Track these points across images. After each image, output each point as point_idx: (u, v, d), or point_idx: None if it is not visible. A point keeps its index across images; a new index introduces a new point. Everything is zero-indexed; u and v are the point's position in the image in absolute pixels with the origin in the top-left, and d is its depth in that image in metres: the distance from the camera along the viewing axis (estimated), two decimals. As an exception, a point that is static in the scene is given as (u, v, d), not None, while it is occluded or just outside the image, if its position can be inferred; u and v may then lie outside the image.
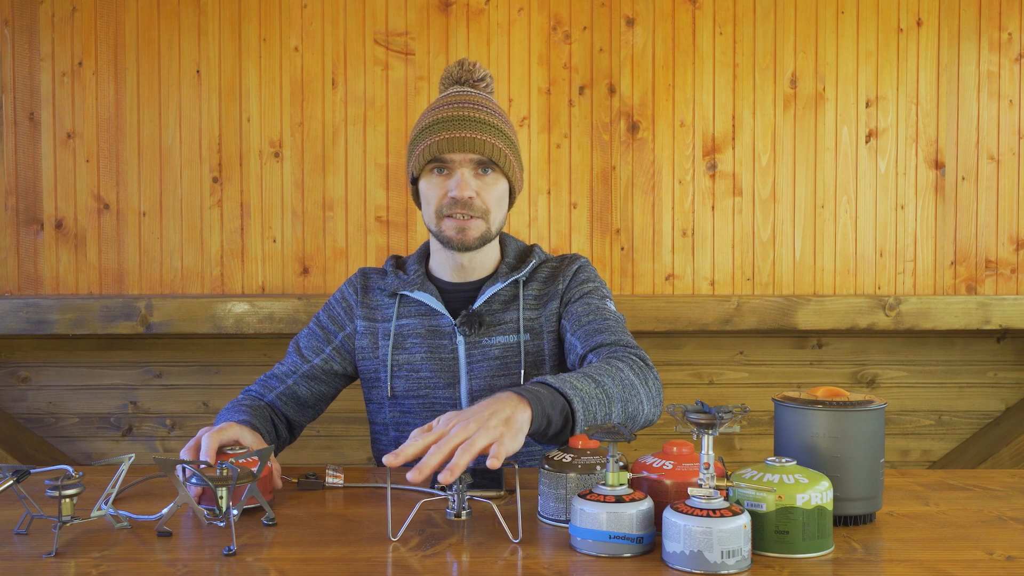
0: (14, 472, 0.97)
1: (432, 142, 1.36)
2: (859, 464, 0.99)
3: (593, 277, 1.47)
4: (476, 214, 1.37)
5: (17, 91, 2.39)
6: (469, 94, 1.43)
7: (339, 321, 1.49)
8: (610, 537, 0.89)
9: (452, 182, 1.37)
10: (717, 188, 2.44)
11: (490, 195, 1.39)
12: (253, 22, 2.39)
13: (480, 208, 1.37)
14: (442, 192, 1.38)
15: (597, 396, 1.14)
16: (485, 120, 1.38)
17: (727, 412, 0.88)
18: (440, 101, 1.43)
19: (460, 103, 1.40)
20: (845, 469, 0.99)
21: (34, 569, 0.87)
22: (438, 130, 1.37)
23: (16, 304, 2.16)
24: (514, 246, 1.52)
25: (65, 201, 2.40)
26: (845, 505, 0.99)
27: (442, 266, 1.47)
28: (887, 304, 2.24)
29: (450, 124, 1.36)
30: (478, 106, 1.40)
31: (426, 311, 1.44)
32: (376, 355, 1.45)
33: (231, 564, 0.88)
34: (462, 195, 1.35)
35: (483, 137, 1.36)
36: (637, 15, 2.42)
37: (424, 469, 0.92)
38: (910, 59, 2.44)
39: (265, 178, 2.40)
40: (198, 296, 2.27)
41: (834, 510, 0.95)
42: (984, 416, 2.47)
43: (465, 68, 1.47)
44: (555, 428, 1.08)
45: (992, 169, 2.45)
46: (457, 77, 1.47)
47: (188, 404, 2.41)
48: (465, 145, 1.35)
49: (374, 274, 1.52)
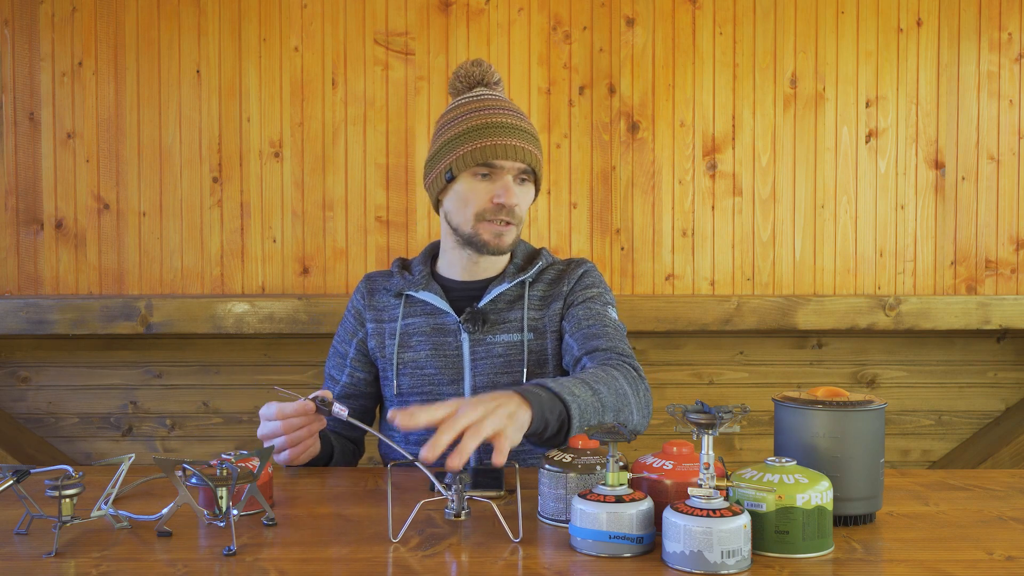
0: (14, 472, 0.97)
1: (484, 145, 1.38)
2: (859, 464, 0.99)
3: (598, 283, 1.49)
4: (515, 221, 1.41)
5: (17, 91, 2.39)
6: (507, 101, 1.46)
7: (351, 330, 1.53)
8: (610, 537, 0.89)
9: (499, 188, 1.39)
10: (717, 188, 2.44)
11: (525, 203, 1.44)
12: (253, 22, 2.39)
13: (519, 216, 1.41)
14: (486, 196, 1.40)
15: (592, 404, 1.17)
16: (527, 129, 1.42)
17: (727, 412, 0.88)
18: (480, 103, 1.43)
19: (505, 110, 1.42)
20: (845, 469, 0.99)
21: (34, 569, 0.87)
22: (488, 134, 1.38)
23: (16, 304, 2.16)
24: (523, 248, 1.54)
25: (65, 201, 2.40)
26: (845, 505, 0.99)
27: (453, 265, 1.49)
28: (887, 304, 2.24)
29: (502, 131, 1.39)
30: (518, 114, 1.43)
31: (431, 310, 1.46)
32: (384, 354, 1.48)
33: (231, 564, 0.88)
34: (510, 202, 1.38)
35: (528, 147, 1.40)
36: (637, 15, 2.42)
37: (436, 447, 0.94)
38: (910, 59, 2.44)
39: (265, 178, 2.40)
40: (198, 296, 2.27)
41: (834, 510, 0.95)
42: (984, 416, 2.47)
43: (484, 69, 1.49)
44: (550, 432, 1.11)
45: (992, 169, 2.45)
46: (478, 78, 1.48)
47: (188, 404, 2.41)
48: (517, 154, 1.38)
49: (379, 276, 1.56)
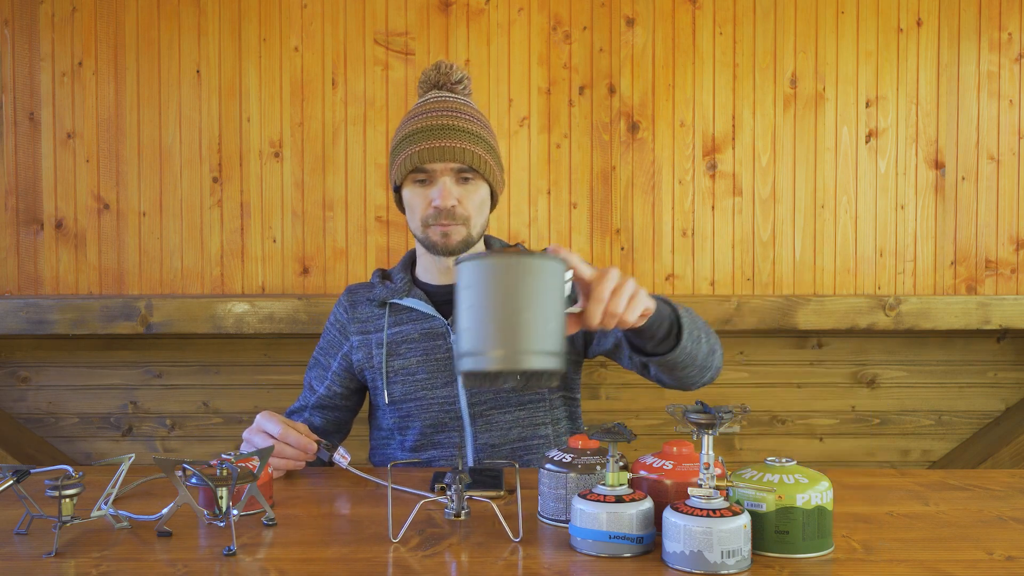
0: (14, 472, 0.97)
1: (413, 152, 1.38)
2: (491, 314, 0.87)
3: None
4: (458, 221, 1.40)
5: (17, 91, 2.39)
6: (447, 100, 1.44)
7: (335, 343, 1.53)
8: (610, 537, 0.89)
9: (435, 191, 1.39)
10: (717, 188, 2.44)
11: (471, 201, 1.41)
12: (253, 22, 2.39)
13: (462, 215, 1.40)
14: (425, 202, 1.40)
15: (690, 320, 1.21)
16: (463, 128, 1.40)
17: (727, 412, 0.88)
18: (418, 109, 1.44)
19: (438, 111, 1.41)
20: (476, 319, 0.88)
21: (34, 569, 0.87)
22: (418, 139, 1.38)
23: (16, 304, 2.16)
24: (498, 246, 1.55)
25: (65, 201, 2.40)
26: (490, 358, 0.87)
27: (429, 269, 1.50)
28: (887, 304, 2.24)
29: (429, 133, 1.38)
30: (457, 113, 1.42)
31: (417, 316, 1.46)
32: (372, 364, 1.48)
33: (231, 564, 0.88)
34: (445, 204, 1.38)
35: (462, 145, 1.38)
36: (637, 15, 2.42)
37: (613, 315, 0.99)
38: (910, 59, 2.44)
39: (265, 178, 2.40)
40: (198, 296, 2.27)
41: (470, 366, 0.87)
42: (984, 416, 2.47)
43: (442, 71, 1.48)
44: (662, 332, 1.15)
45: (992, 169, 2.45)
46: (435, 81, 1.48)
47: (188, 404, 2.41)
48: (445, 155, 1.37)
49: (360, 288, 1.56)
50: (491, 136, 1.45)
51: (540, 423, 1.43)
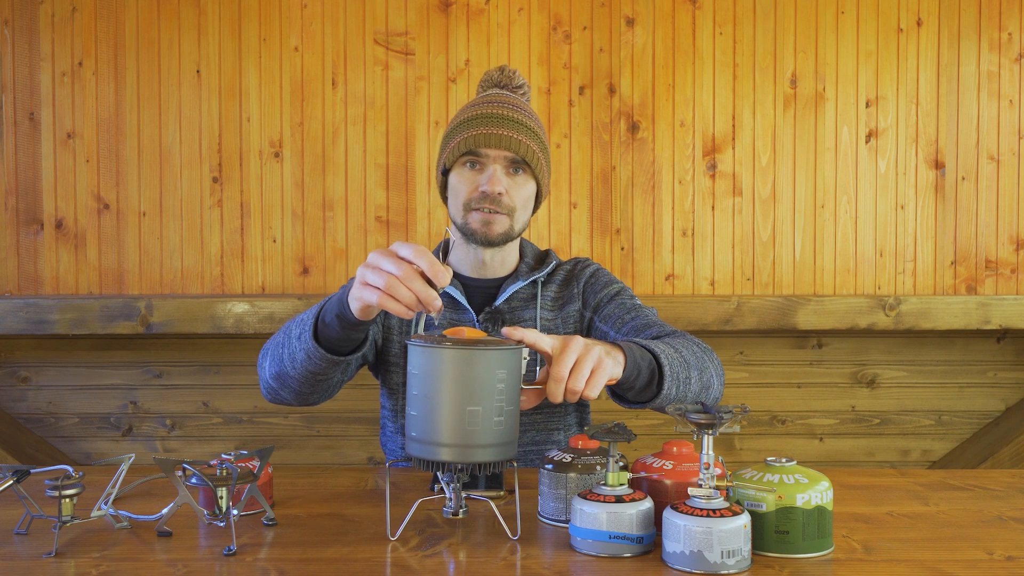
0: (14, 472, 0.97)
1: (468, 135, 1.37)
2: (443, 405, 0.90)
3: (614, 280, 1.49)
4: (503, 211, 1.37)
5: (17, 91, 2.39)
6: (507, 96, 1.45)
7: None
8: (610, 537, 0.89)
9: (484, 176, 1.37)
10: (717, 188, 2.44)
11: (519, 194, 1.39)
12: (253, 22, 2.39)
13: (507, 205, 1.38)
14: (472, 185, 1.38)
15: (678, 360, 1.17)
16: (521, 121, 1.40)
17: (727, 412, 0.88)
18: (479, 99, 1.44)
19: (498, 102, 1.42)
20: (429, 408, 0.91)
21: (34, 569, 0.87)
22: (475, 125, 1.38)
23: (16, 304, 2.16)
24: (531, 249, 1.53)
25: (65, 201, 2.40)
26: (438, 450, 0.91)
27: (463, 261, 1.48)
28: (887, 304, 2.24)
29: (487, 120, 1.38)
30: (516, 107, 1.42)
31: (448, 303, 1.44)
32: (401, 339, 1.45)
33: (231, 564, 0.88)
34: (492, 189, 1.36)
35: (518, 136, 1.38)
36: (637, 15, 2.42)
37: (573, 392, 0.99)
38: (910, 59, 2.44)
39: (265, 178, 2.40)
40: (198, 296, 2.27)
41: (425, 455, 0.91)
42: (984, 416, 2.46)
43: (505, 74, 1.49)
44: (642, 382, 1.11)
45: (992, 169, 2.45)
46: (497, 81, 1.48)
47: (188, 404, 2.41)
48: (500, 142, 1.36)
49: None
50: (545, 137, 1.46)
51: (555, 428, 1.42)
